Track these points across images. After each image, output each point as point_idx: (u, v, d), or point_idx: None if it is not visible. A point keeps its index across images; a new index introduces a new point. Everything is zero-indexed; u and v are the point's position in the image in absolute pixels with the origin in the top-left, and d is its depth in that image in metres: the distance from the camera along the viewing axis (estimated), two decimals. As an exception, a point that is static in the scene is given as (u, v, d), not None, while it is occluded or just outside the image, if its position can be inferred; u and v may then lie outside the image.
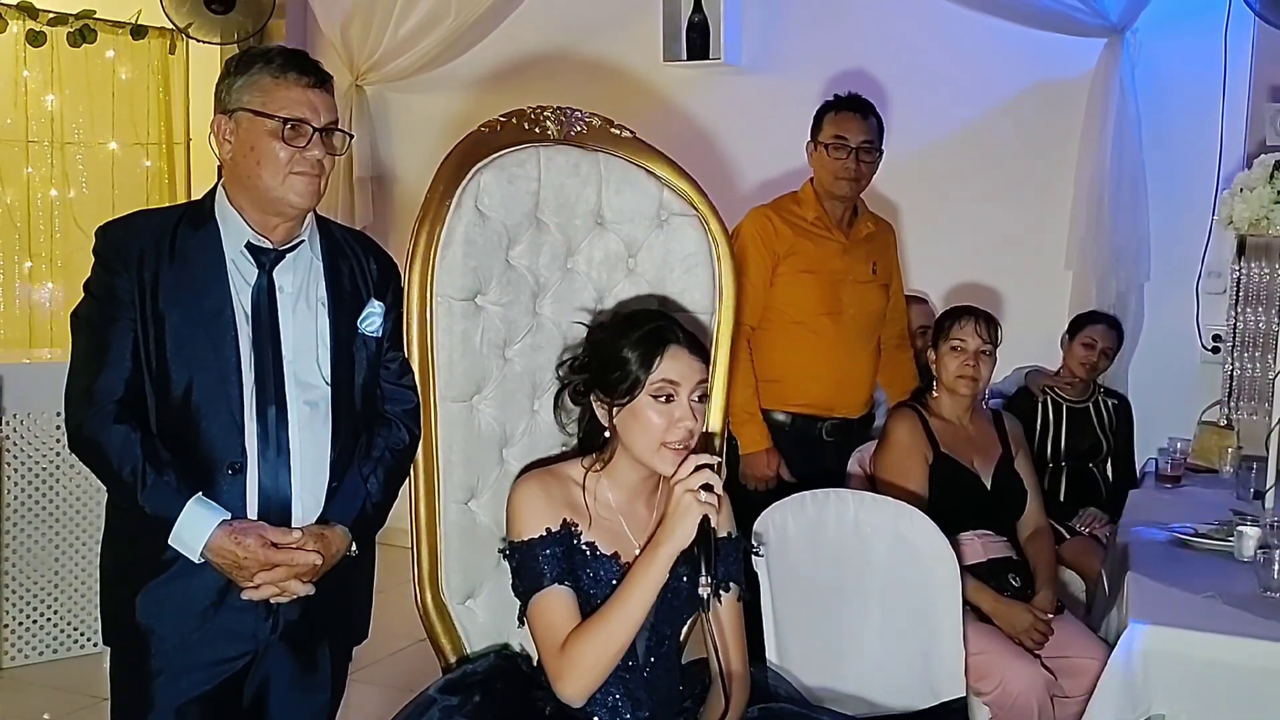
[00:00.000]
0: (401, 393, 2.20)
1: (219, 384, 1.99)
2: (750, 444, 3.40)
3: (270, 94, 2.00)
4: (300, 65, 2.04)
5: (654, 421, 1.96)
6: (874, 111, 3.46)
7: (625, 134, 2.38)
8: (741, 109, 4.97)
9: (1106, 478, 4.23)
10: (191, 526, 1.95)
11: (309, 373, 2.07)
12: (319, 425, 2.07)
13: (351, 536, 2.09)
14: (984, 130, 4.65)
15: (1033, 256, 4.61)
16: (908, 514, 2.58)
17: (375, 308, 2.15)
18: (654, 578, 1.91)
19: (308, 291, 2.10)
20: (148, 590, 2.01)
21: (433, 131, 5.40)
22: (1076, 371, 4.16)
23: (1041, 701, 2.76)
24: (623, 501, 2.06)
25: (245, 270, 2.05)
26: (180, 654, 2.01)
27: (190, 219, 2.06)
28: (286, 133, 1.99)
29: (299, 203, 2.03)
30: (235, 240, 2.05)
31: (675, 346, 1.99)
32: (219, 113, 2.05)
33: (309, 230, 2.12)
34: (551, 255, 2.32)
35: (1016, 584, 3.03)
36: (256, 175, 2.01)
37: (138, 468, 1.95)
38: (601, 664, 1.92)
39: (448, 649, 2.24)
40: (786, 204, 3.54)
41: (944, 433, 3.13)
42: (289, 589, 2.00)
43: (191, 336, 1.99)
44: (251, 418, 2.01)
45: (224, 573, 1.98)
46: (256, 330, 2.03)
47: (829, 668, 2.47)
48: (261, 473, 2.01)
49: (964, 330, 3.12)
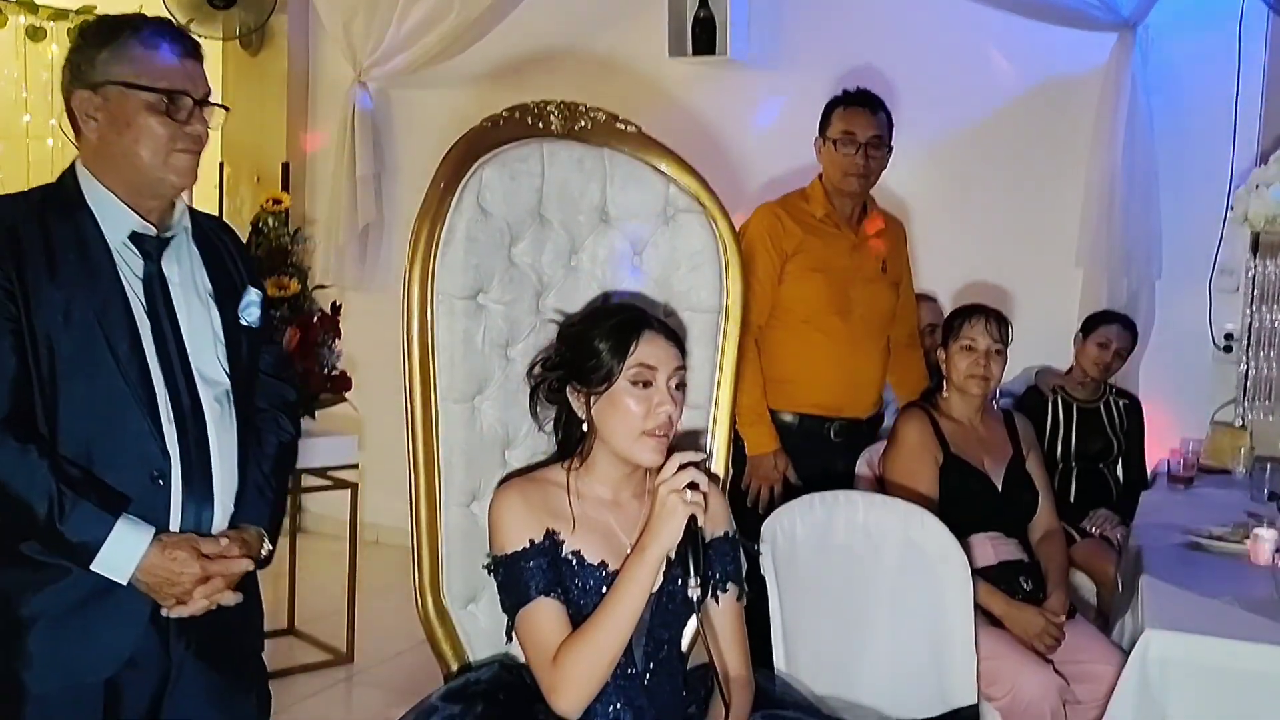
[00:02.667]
0: (280, 386, 2.12)
1: (125, 388, 1.82)
2: (758, 445, 3.35)
3: (144, 65, 1.83)
4: (172, 33, 1.88)
5: (633, 409, 1.93)
6: (883, 107, 3.42)
7: (630, 129, 2.33)
8: (748, 105, 4.93)
9: (1117, 479, 4.19)
10: (121, 548, 1.78)
11: (211, 368, 1.94)
12: (227, 423, 1.94)
13: (265, 537, 2.00)
14: (994, 126, 4.60)
15: (1042, 254, 4.57)
16: (918, 516, 2.53)
17: (254, 295, 2.03)
18: (642, 582, 1.87)
19: (194, 281, 1.96)
20: (42, 631, 1.80)
21: (436, 128, 5.34)
22: (1089, 371, 4.12)
23: (1054, 707, 2.71)
24: (608, 497, 2.02)
25: (131, 261, 1.87)
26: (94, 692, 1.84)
27: (55, 207, 1.85)
28: (167, 107, 1.83)
29: (179, 183, 1.89)
30: (118, 229, 1.87)
31: (650, 332, 1.96)
32: (80, 88, 1.84)
33: (184, 216, 1.97)
34: (555, 253, 2.28)
35: (1028, 587, 2.98)
36: (134, 155, 1.84)
37: (51, 493, 1.74)
38: (595, 674, 1.88)
39: (449, 654, 2.20)
40: (795, 201, 3.50)
41: (954, 434, 3.08)
42: (221, 599, 1.87)
43: (86, 339, 1.80)
44: (169, 421, 1.85)
45: (150, 592, 1.82)
46: (155, 325, 1.87)
47: (839, 674, 2.42)
48: (184, 479, 1.87)
49: (975, 329, 3.07)
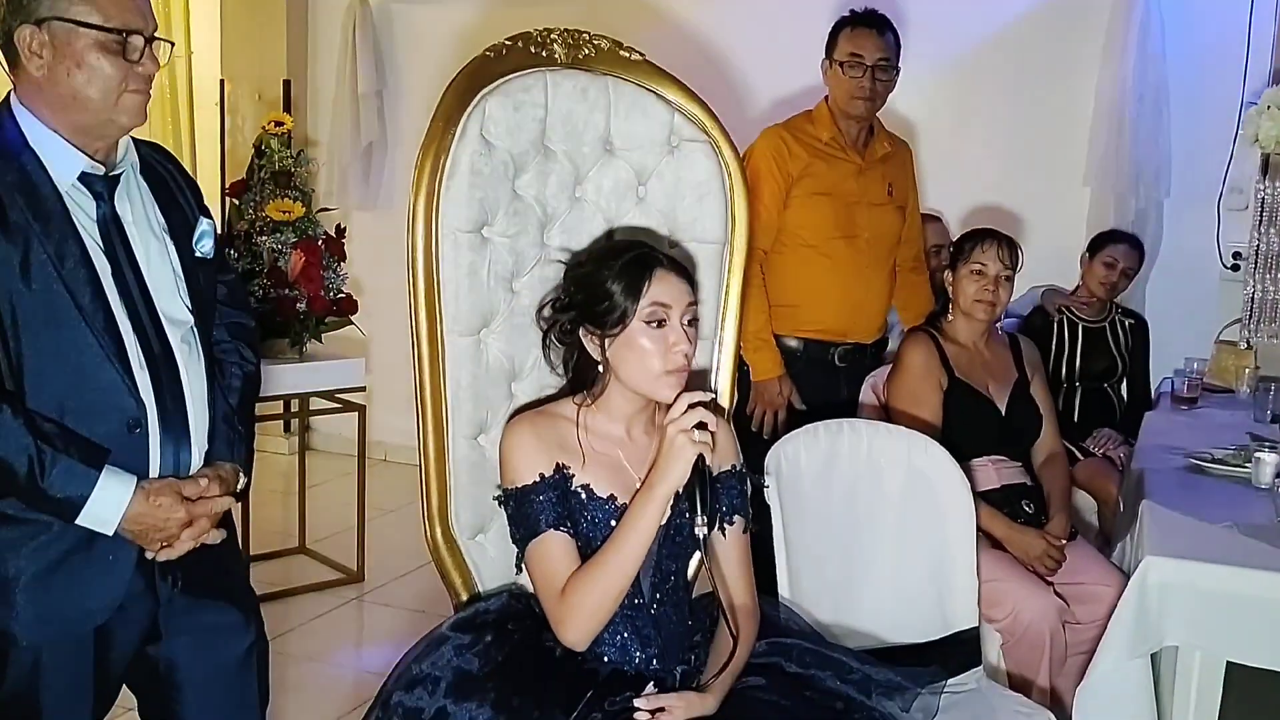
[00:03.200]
0: (237, 314, 2.08)
1: (92, 337, 1.75)
2: (762, 371, 3.36)
3: (93, 2, 1.73)
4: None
5: (649, 349, 1.92)
6: (891, 28, 3.36)
7: (635, 56, 2.30)
8: (752, 19, 4.85)
9: (1121, 398, 4.20)
10: (106, 500, 1.74)
11: (174, 307, 1.88)
12: (196, 363, 1.90)
13: (240, 470, 1.97)
14: (1003, 44, 4.55)
15: (1050, 173, 4.55)
16: (922, 444, 2.54)
17: (205, 225, 1.96)
18: (650, 519, 1.89)
19: (148, 218, 1.89)
20: (31, 585, 1.77)
21: (439, 44, 5.30)
22: (1095, 291, 4.12)
23: (1053, 628, 2.76)
24: (618, 433, 2.02)
25: (84, 203, 1.79)
26: (87, 640, 1.84)
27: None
28: (121, 47, 1.74)
29: (129, 123, 1.81)
30: (66, 171, 1.78)
31: (661, 270, 1.94)
32: (21, 22, 1.74)
33: (129, 151, 1.88)
34: (559, 184, 2.26)
35: (1030, 510, 3.01)
36: (84, 96, 1.74)
37: (30, 451, 1.69)
38: (603, 608, 1.90)
39: (458, 584, 2.23)
40: (800, 124, 3.46)
41: (959, 358, 3.09)
42: (207, 539, 1.86)
43: (47, 291, 1.72)
44: (140, 367, 1.80)
45: (136, 539, 1.80)
46: (115, 269, 1.80)
47: (842, 601, 2.46)
48: (162, 425, 1.83)
49: (986, 254, 3.05)
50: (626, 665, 1.97)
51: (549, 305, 2.10)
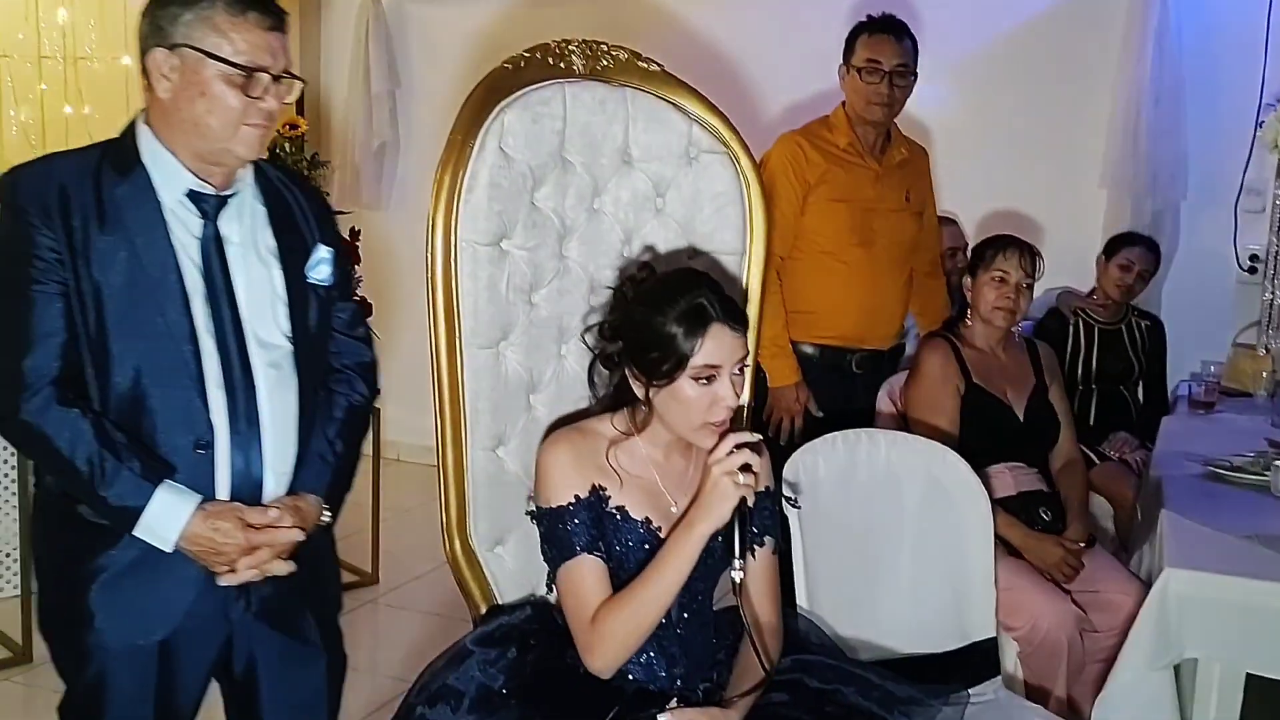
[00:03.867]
0: (355, 345, 2.07)
1: (174, 352, 1.78)
2: (780, 378, 3.35)
3: (226, 35, 1.75)
4: (261, 3, 1.80)
5: (695, 402, 1.89)
6: (909, 34, 3.35)
7: (654, 68, 2.29)
8: (769, 23, 4.84)
9: (1137, 400, 4.19)
10: (163, 515, 1.76)
11: (268, 331, 1.88)
12: (285, 389, 1.89)
13: (325, 505, 1.95)
14: (1019, 45, 4.53)
15: (1066, 174, 4.53)
16: (940, 454, 2.54)
17: (323, 253, 1.96)
18: (687, 558, 1.87)
19: (256, 241, 1.90)
20: (104, 588, 1.80)
21: (452, 43, 5.30)
22: (1111, 293, 4.10)
23: (1071, 637, 2.75)
24: (657, 457, 2.01)
25: (187, 221, 1.82)
26: (150, 652, 1.85)
27: (113, 163, 1.80)
28: (244, 81, 1.77)
29: (246, 155, 1.84)
30: (173, 188, 1.81)
31: (717, 325, 1.87)
32: (155, 45, 1.77)
33: (247, 173, 1.91)
34: (578, 196, 2.26)
35: (1047, 517, 3.00)
36: (203, 123, 1.78)
37: (94, 456, 1.73)
38: (632, 640, 1.90)
39: (477, 596, 2.23)
40: (817, 130, 3.45)
41: (976, 363, 3.08)
42: (270, 570, 1.84)
43: (136, 301, 1.76)
44: (217, 388, 1.81)
45: (197, 560, 1.80)
46: (209, 288, 1.82)
47: (859, 612, 2.45)
48: (232, 448, 1.83)
49: (1009, 262, 3.04)
50: (652, 683, 1.97)
51: (596, 331, 2.09)
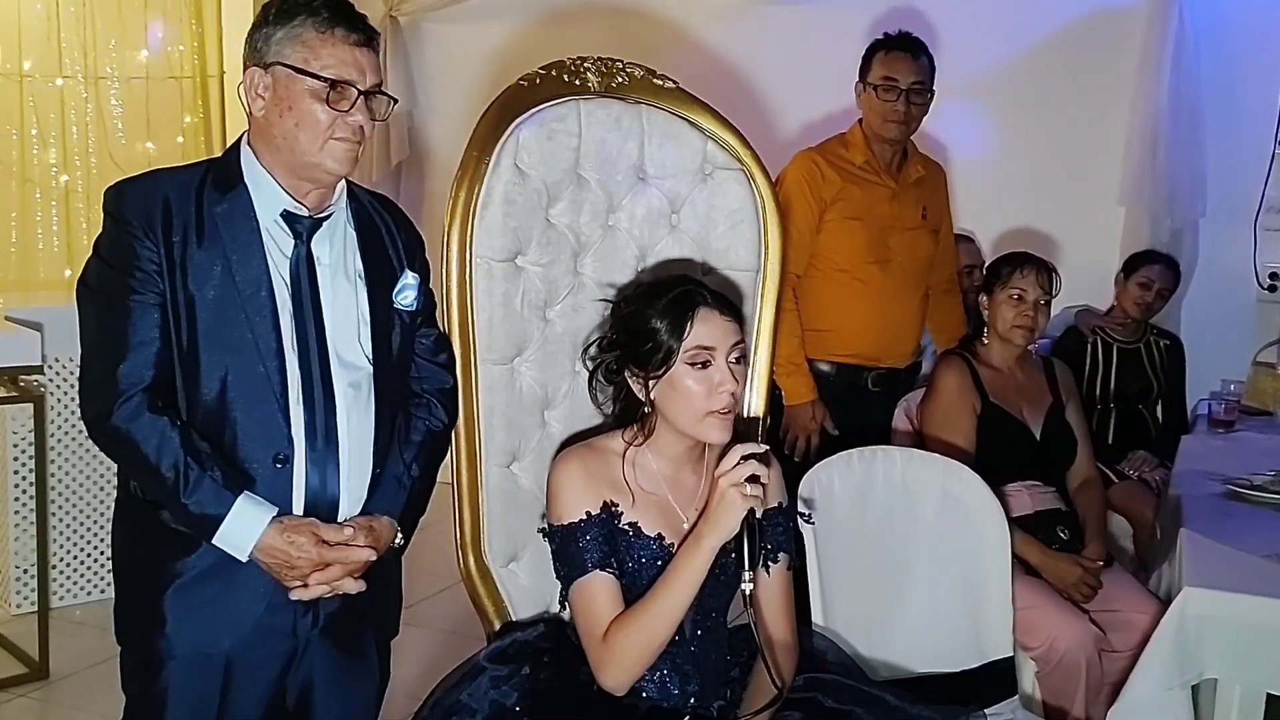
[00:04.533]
0: (437, 371, 2.09)
1: (259, 367, 1.82)
2: (795, 396, 3.34)
3: (314, 50, 1.81)
4: (349, 20, 1.84)
5: (694, 390, 1.90)
6: (925, 51, 3.34)
7: (668, 84, 2.30)
8: (784, 40, 4.85)
9: (1156, 420, 4.16)
10: (240, 525, 1.80)
11: (351, 352, 1.91)
12: (364, 409, 1.92)
13: (398, 527, 1.97)
14: (1035, 62, 4.52)
15: (1084, 192, 4.52)
16: (956, 471, 2.53)
17: (410, 279, 2.00)
18: (697, 570, 1.87)
19: (345, 263, 1.94)
20: (178, 591, 1.84)
21: (469, 62, 5.32)
22: (1130, 311, 4.08)
23: (1089, 657, 2.73)
24: (668, 472, 2.01)
25: (281, 240, 1.87)
26: (216, 663, 1.88)
27: (216, 181, 1.86)
28: (330, 95, 1.81)
29: (336, 169, 1.87)
30: (270, 207, 1.87)
31: (705, 309, 1.91)
32: (253, 65, 1.84)
33: (341, 196, 1.96)
34: (592, 213, 2.26)
35: (1065, 536, 2.98)
36: (293, 138, 1.83)
37: (179, 463, 1.77)
38: (644, 656, 1.89)
39: (491, 612, 2.23)
40: (834, 147, 3.44)
41: (993, 381, 3.07)
42: (341, 587, 1.86)
43: (227, 316, 1.81)
44: (298, 404, 1.84)
45: (270, 572, 1.83)
46: (297, 307, 1.86)
47: (875, 629, 2.44)
48: (309, 464, 1.86)
49: (1026, 280, 3.03)
50: (666, 701, 1.97)
51: (594, 345, 2.10)
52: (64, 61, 5.32)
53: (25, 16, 5.19)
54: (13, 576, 3.93)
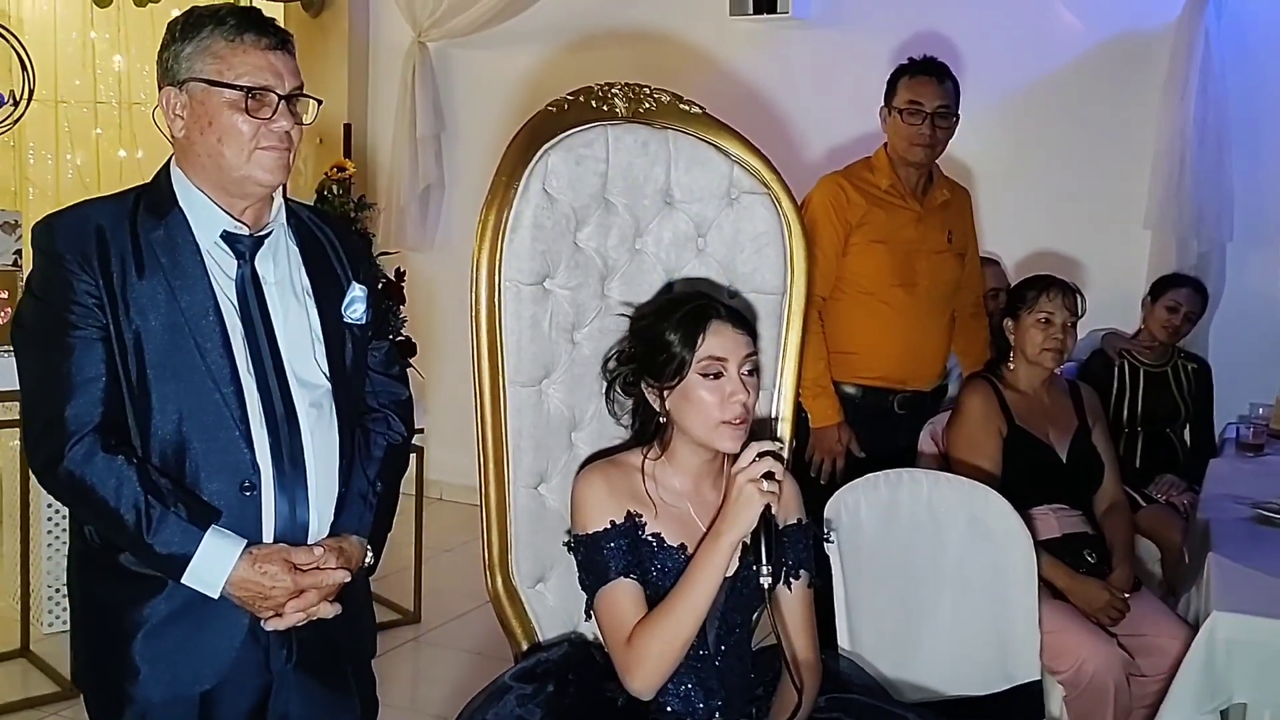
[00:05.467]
0: (391, 384, 2.05)
1: (215, 395, 1.76)
2: (822, 418, 3.35)
3: (226, 60, 1.75)
4: (258, 25, 1.78)
5: (706, 400, 1.94)
6: (950, 75, 3.36)
7: (695, 110, 2.32)
8: (810, 66, 4.89)
9: (1184, 443, 4.15)
10: (210, 561, 1.72)
11: (308, 371, 1.86)
12: (327, 429, 1.87)
13: (368, 546, 1.92)
14: (1061, 85, 4.53)
15: (1110, 215, 4.51)
16: (982, 494, 2.53)
17: (357, 292, 1.95)
18: (716, 567, 1.89)
19: (291, 280, 1.88)
20: (147, 637, 1.77)
21: (497, 88, 5.38)
22: (1157, 335, 4.07)
23: (1118, 681, 2.72)
24: (688, 487, 2.04)
25: (224, 262, 1.81)
26: (191, 704, 1.80)
27: (149, 207, 1.79)
28: (249, 104, 1.75)
29: (267, 179, 1.80)
30: (209, 229, 1.80)
31: (717, 322, 1.96)
32: (166, 85, 1.78)
33: (279, 213, 1.90)
34: (620, 236, 2.28)
35: (1092, 560, 2.97)
36: (218, 154, 1.77)
37: (140, 503, 1.69)
38: (668, 656, 1.90)
39: (518, 632, 2.24)
40: (859, 171, 3.46)
41: (1019, 404, 3.07)
42: (317, 612, 1.80)
43: (176, 344, 1.74)
44: (260, 428, 1.78)
45: (244, 605, 1.76)
46: (248, 328, 1.80)
47: (902, 653, 2.44)
48: (277, 489, 1.80)
49: (1052, 302, 3.04)
50: (690, 716, 1.98)
51: (613, 358, 2.13)
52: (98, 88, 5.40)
53: (61, 45, 5.27)
54: (45, 596, 3.96)
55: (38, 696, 3.52)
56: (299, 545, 1.82)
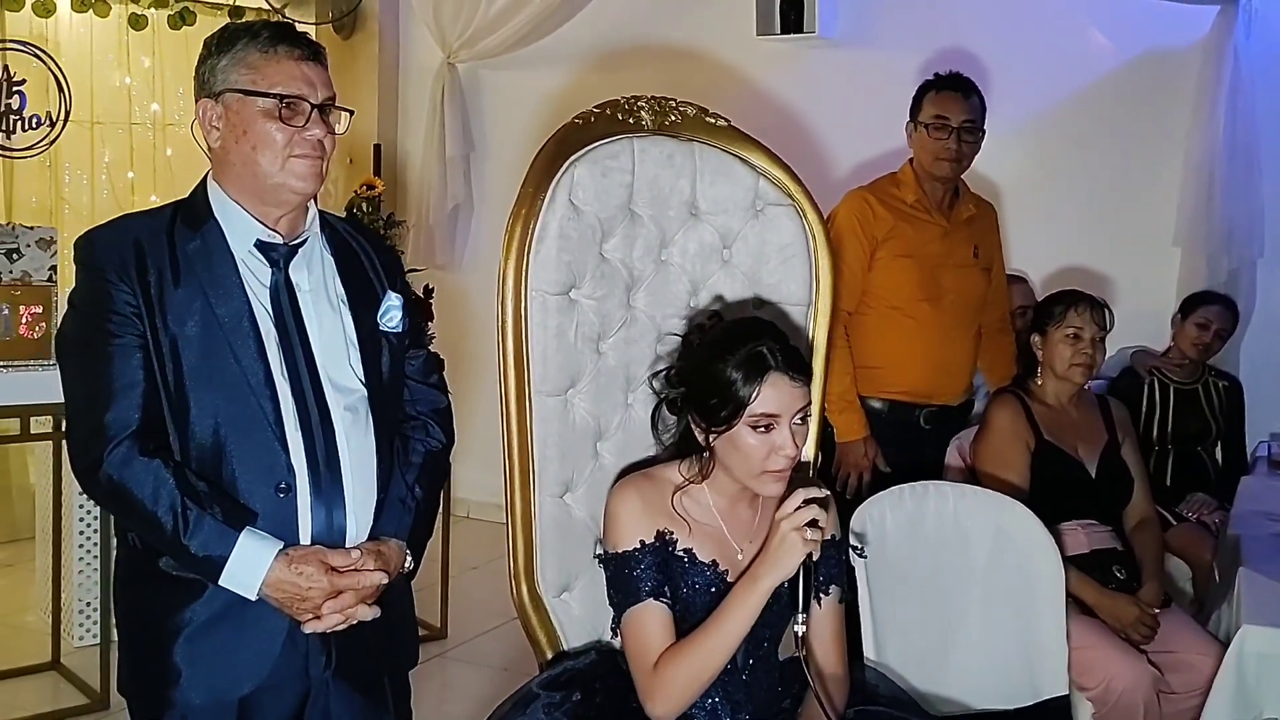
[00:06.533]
0: (429, 393, 2.06)
1: (250, 399, 1.79)
2: (847, 432, 3.35)
3: (260, 71, 1.80)
4: (291, 38, 1.83)
5: (754, 450, 1.91)
6: (976, 90, 3.37)
7: (721, 123, 2.34)
8: (836, 84, 4.90)
9: (1215, 462, 4.11)
10: (246, 562, 1.74)
11: (343, 375, 1.89)
12: (363, 433, 1.88)
13: (407, 550, 1.93)
14: (1089, 103, 4.52)
15: (1139, 233, 4.49)
16: (1009, 507, 2.52)
17: (393, 300, 1.97)
18: (751, 609, 1.88)
19: (326, 288, 1.91)
20: (188, 641, 1.79)
21: (525, 109, 5.41)
22: (1188, 352, 4.05)
23: (1147, 698, 2.69)
24: (724, 507, 2.03)
25: (258, 270, 1.85)
26: (230, 710, 1.81)
27: (185, 219, 1.84)
28: (283, 112, 1.80)
29: (301, 187, 1.84)
30: (243, 238, 1.85)
31: (775, 374, 1.89)
32: (203, 97, 1.83)
33: (314, 222, 1.94)
34: (645, 248, 2.30)
35: (1122, 576, 2.95)
36: (253, 162, 1.81)
37: (176, 505, 1.72)
38: (693, 688, 1.90)
39: (544, 642, 2.24)
40: (885, 186, 3.47)
41: (1047, 419, 3.06)
42: (355, 615, 1.80)
43: (211, 351, 1.78)
44: (295, 430, 1.81)
45: (281, 607, 1.77)
46: (282, 334, 1.83)
47: (928, 666, 2.43)
48: (313, 492, 1.82)
49: (1081, 317, 3.03)
50: (716, 728, 1.97)
51: (662, 376, 2.13)
52: (134, 109, 5.47)
53: (97, 67, 5.35)
54: (75, 610, 4.00)
55: (67, 709, 3.56)
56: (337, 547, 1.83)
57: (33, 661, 3.85)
